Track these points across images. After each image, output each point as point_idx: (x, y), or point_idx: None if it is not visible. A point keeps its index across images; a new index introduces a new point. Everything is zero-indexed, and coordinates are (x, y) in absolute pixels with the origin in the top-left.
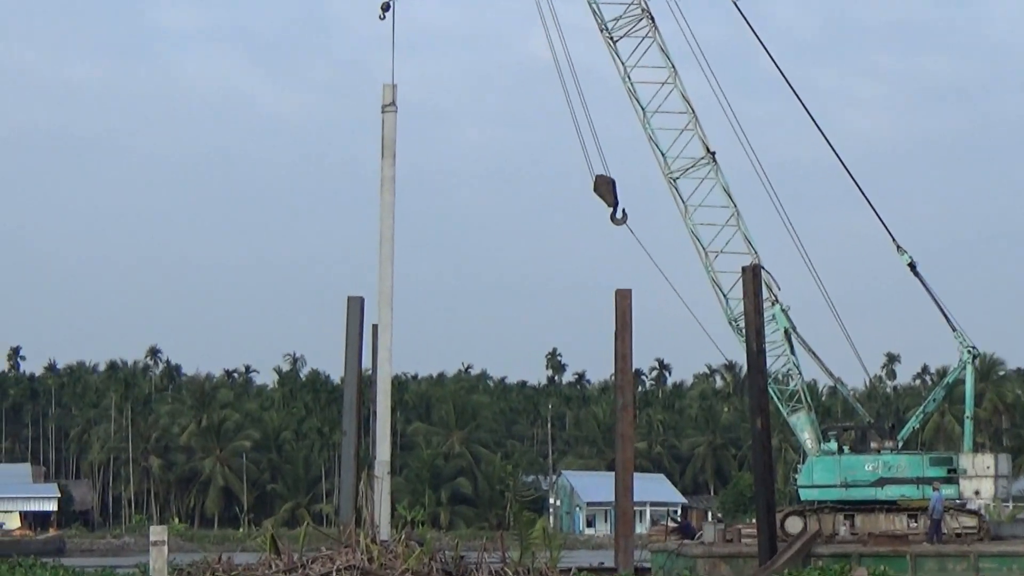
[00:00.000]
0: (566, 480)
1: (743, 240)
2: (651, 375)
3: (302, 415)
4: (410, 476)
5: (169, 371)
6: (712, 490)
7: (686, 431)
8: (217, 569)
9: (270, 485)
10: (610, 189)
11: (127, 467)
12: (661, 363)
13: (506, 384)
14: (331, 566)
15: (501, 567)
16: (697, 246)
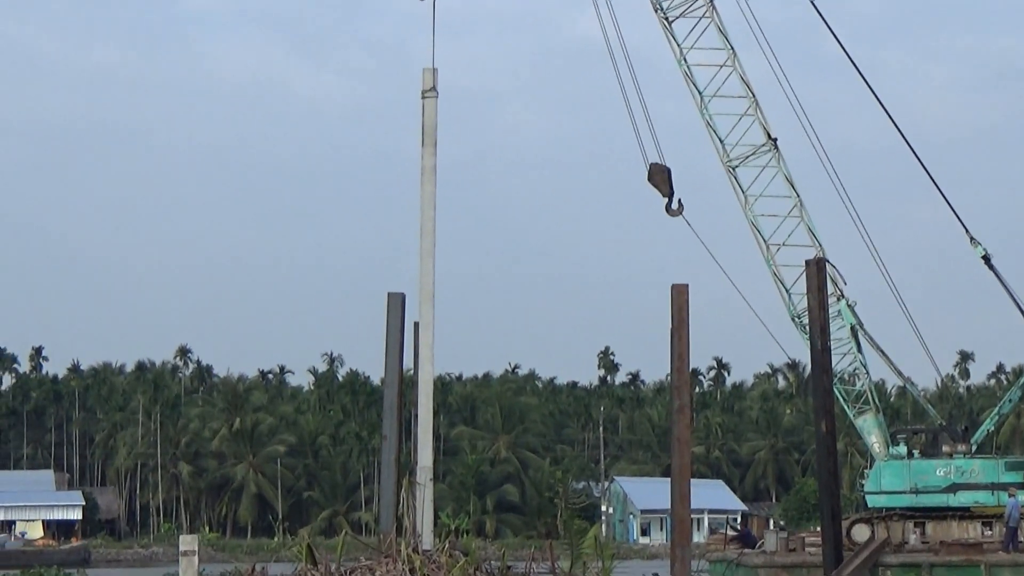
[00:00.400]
0: (619, 486)
1: (806, 232)
2: (709, 375)
3: (340, 418)
4: (454, 483)
5: (200, 372)
6: (774, 497)
7: (746, 434)
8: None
9: (306, 492)
10: (665, 178)
11: (155, 473)
12: (720, 362)
13: (555, 385)
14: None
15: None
16: (758, 238)
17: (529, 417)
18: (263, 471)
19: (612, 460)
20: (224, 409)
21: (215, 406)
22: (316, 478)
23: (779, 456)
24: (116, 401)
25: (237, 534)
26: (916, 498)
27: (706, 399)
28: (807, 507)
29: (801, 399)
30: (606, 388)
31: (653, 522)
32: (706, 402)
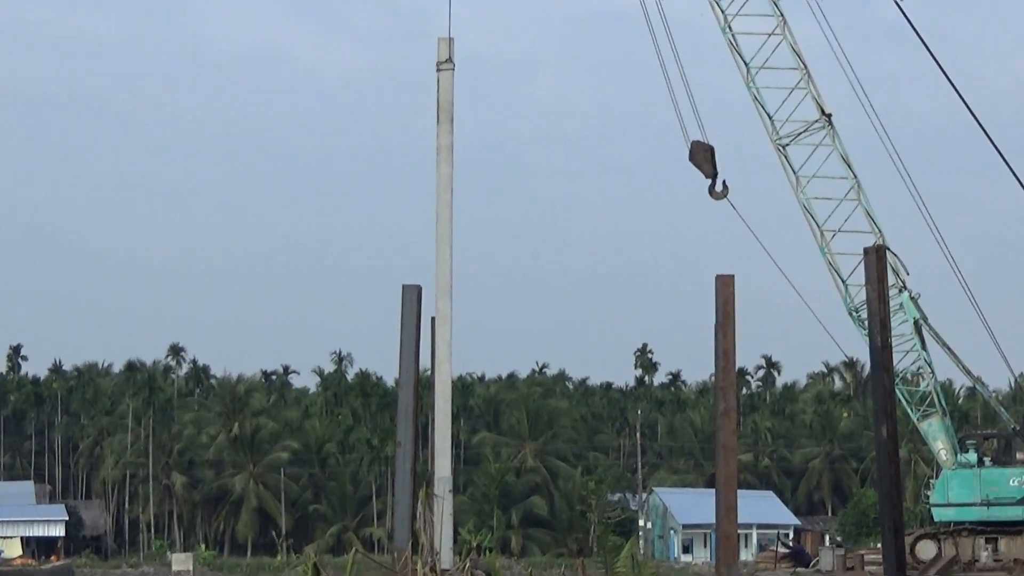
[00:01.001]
0: (658, 498)
1: (865, 216)
2: (758, 375)
3: (349, 424)
4: (475, 494)
5: (195, 372)
6: (830, 510)
7: (799, 440)
8: None
9: (312, 505)
10: (708, 158)
11: (146, 485)
12: (769, 361)
13: (588, 386)
14: None
15: None
16: (811, 224)
17: (559, 422)
18: (265, 482)
19: (651, 469)
20: (222, 413)
21: (212, 410)
22: (323, 490)
23: (835, 464)
24: (103, 405)
25: (236, 552)
26: (988, 511)
27: (754, 401)
28: (866, 521)
29: (859, 401)
30: (644, 389)
31: (696, 538)
32: (754, 404)
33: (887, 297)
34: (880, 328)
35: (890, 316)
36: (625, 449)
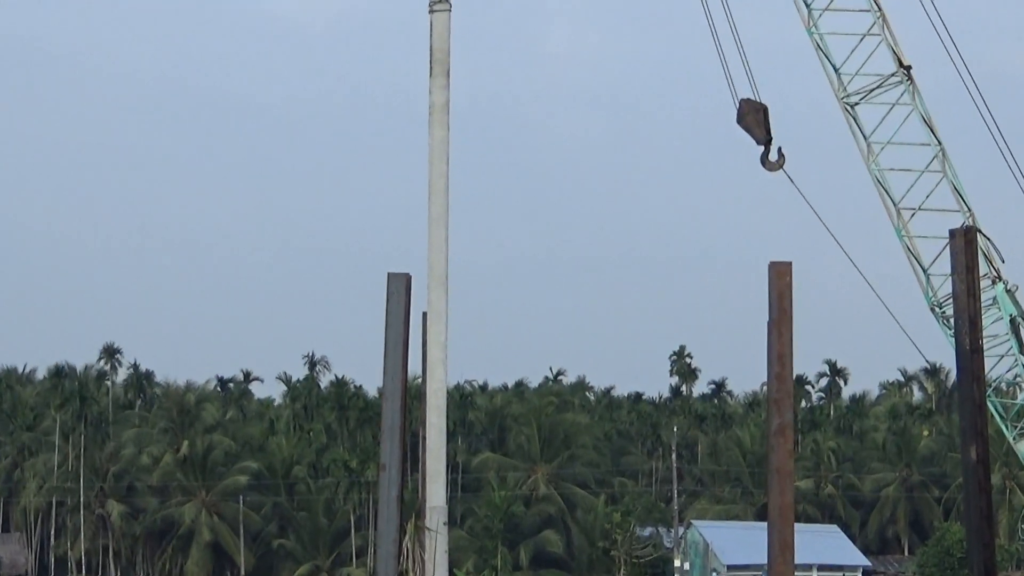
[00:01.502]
0: (698, 533)
1: (951, 191)
2: (819, 384)
3: (322, 442)
4: (476, 528)
5: (135, 379)
6: (906, 548)
7: (870, 464)
8: None
9: (277, 540)
10: (761, 120)
11: (76, 515)
12: (834, 367)
13: (613, 397)
14: None
15: None
16: (885, 201)
17: (577, 440)
18: (220, 512)
19: (689, 498)
20: (168, 429)
21: (155, 425)
22: (291, 522)
23: (913, 493)
24: (23, 418)
25: None
26: None
27: (816, 416)
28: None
29: (943, 417)
30: (681, 401)
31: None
32: (816, 421)
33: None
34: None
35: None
36: (658, 474)
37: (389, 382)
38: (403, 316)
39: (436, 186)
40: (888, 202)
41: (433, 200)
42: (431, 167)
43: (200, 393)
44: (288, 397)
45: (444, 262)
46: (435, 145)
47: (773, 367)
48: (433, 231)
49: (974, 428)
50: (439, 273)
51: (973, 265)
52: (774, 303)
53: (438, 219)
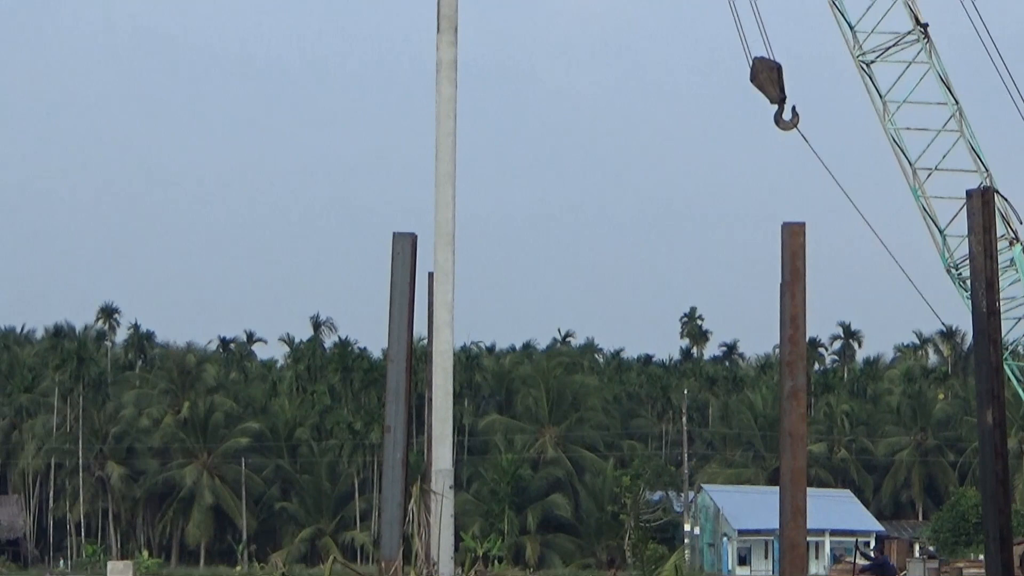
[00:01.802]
0: (709, 498)
1: (968, 151)
2: (833, 347)
3: (326, 403)
4: (482, 492)
5: (136, 340)
6: (920, 513)
7: (883, 428)
8: None
9: (279, 504)
10: (775, 78)
11: (75, 477)
12: (847, 329)
13: (623, 360)
14: None
15: None
16: (901, 161)
17: (586, 403)
18: (221, 475)
19: (699, 462)
20: (168, 391)
21: (156, 386)
22: (293, 484)
23: (928, 458)
24: (21, 379)
25: (186, 560)
26: None
27: (829, 379)
28: (966, 527)
29: (959, 380)
30: (691, 364)
31: (755, 547)
32: (829, 384)
33: (995, 251)
34: (986, 289)
35: (998, 275)
36: (668, 437)
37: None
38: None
39: (443, 144)
40: (904, 162)
41: (440, 159)
42: (438, 125)
43: (201, 354)
44: (291, 358)
45: (451, 221)
46: (442, 103)
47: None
48: (440, 190)
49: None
50: (446, 233)
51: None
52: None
53: (445, 178)
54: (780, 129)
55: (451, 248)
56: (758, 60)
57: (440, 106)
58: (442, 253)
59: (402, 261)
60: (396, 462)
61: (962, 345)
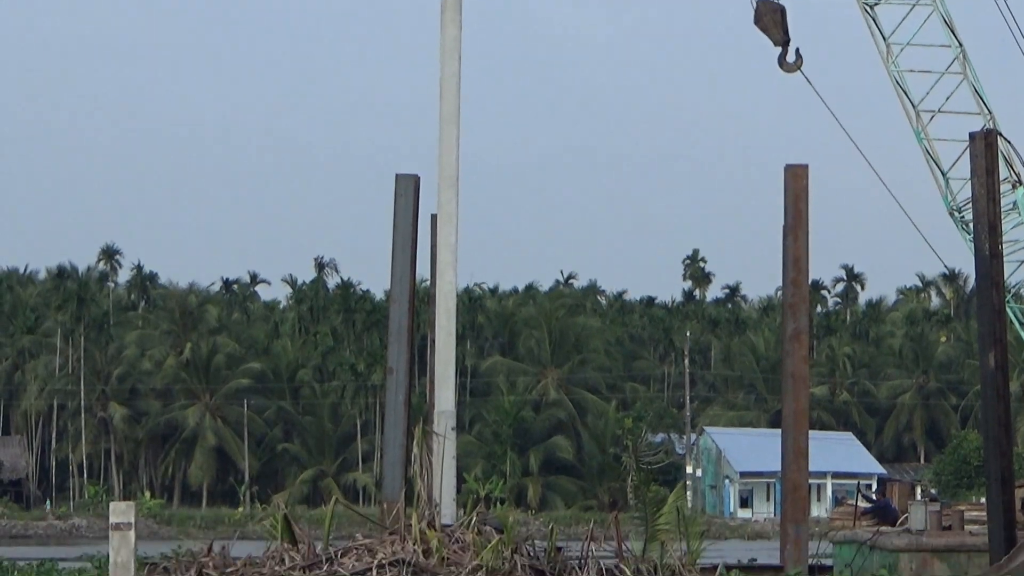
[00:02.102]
0: (711, 440)
1: (971, 94)
2: (835, 289)
3: (328, 345)
4: (485, 433)
5: (139, 281)
6: (922, 456)
7: (886, 371)
8: (206, 563)
9: (282, 445)
10: (778, 20)
11: (77, 418)
12: (850, 272)
13: (625, 301)
14: (370, 561)
15: (616, 564)
16: (904, 103)
17: (588, 345)
18: (224, 416)
19: (701, 404)
20: (171, 331)
21: (159, 327)
22: (296, 426)
23: (930, 401)
24: (24, 320)
25: (188, 501)
26: None
27: (831, 322)
28: (967, 470)
29: (961, 323)
30: (694, 306)
31: (757, 489)
32: (831, 326)
33: (997, 194)
34: (988, 232)
35: (1001, 217)
36: (670, 379)
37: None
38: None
39: (447, 85)
40: (907, 104)
41: (444, 100)
42: (442, 66)
43: (204, 295)
44: (293, 299)
45: (455, 163)
46: (447, 43)
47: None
48: (444, 131)
49: (993, 334)
50: (450, 174)
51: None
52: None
53: (449, 119)
54: (784, 71)
55: (455, 189)
56: (762, 2)
57: (444, 46)
58: (446, 194)
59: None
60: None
61: (965, 288)
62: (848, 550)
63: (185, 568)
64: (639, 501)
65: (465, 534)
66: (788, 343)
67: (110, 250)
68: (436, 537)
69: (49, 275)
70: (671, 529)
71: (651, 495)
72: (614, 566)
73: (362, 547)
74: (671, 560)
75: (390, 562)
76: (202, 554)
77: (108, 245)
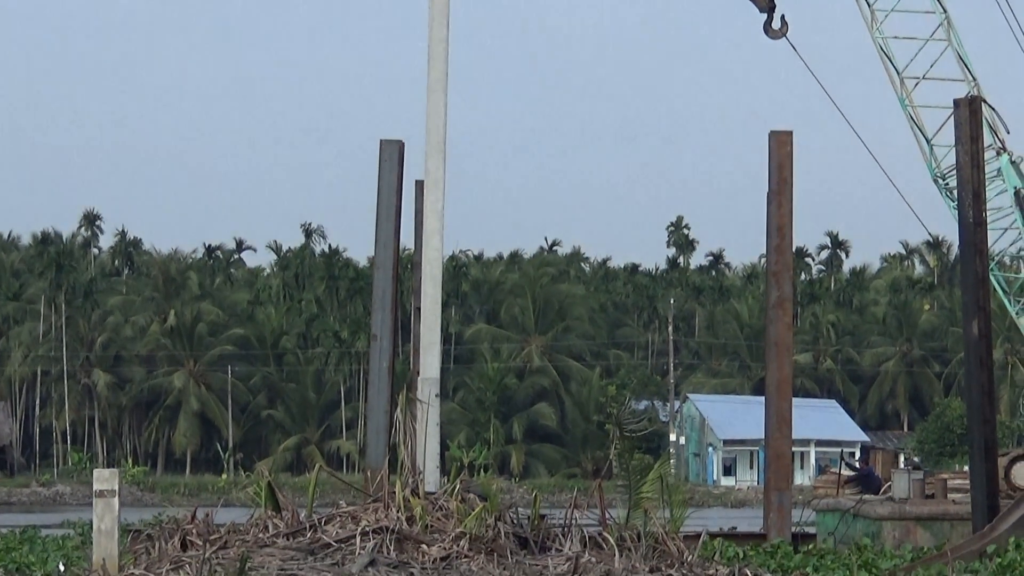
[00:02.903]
0: (694, 407)
1: (956, 60)
2: (820, 257)
3: (312, 312)
4: (468, 401)
5: (122, 247)
6: (905, 424)
7: (869, 338)
8: (190, 531)
9: (266, 412)
10: None
11: (61, 385)
12: (835, 239)
13: (609, 268)
14: (354, 528)
15: (599, 531)
16: (889, 69)
17: (572, 312)
18: (208, 382)
19: (685, 372)
20: (153, 298)
21: (142, 293)
22: (279, 393)
23: (913, 368)
24: (7, 287)
25: (172, 468)
26: None
27: (815, 289)
28: (951, 438)
29: (945, 291)
30: (678, 273)
31: (740, 457)
32: (815, 293)
33: (982, 161)
34: (973, 199)
35: (985, 185)
36: (654, 347)
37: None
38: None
39: (436, 51)
40: (892, 71)
41: (432, 66)
42: (431, 32)
43: (188, 262)
44: (276, 266)
45: (443, 129)
46: (435, 10)
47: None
48: (432, 97)
49: (976, 302)
50: (437, 140)
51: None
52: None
53: (437, 85)
54: (769, 38)
55: (442, 155)
56: None
57: (433, 11)
58: (433, 160)
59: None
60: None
61: (948, 255)
62: (831, 518)
63: (169, 535)
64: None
65: (449, 502)
66: (772, 310)
67: (91, 215)
68: (420, 504)
69: (34, 241)
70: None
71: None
72: (597, 533)
73: (346, 514)
74: (654, 528)
75: (374, 529)
76: (186, 521)
77: (89, 210)
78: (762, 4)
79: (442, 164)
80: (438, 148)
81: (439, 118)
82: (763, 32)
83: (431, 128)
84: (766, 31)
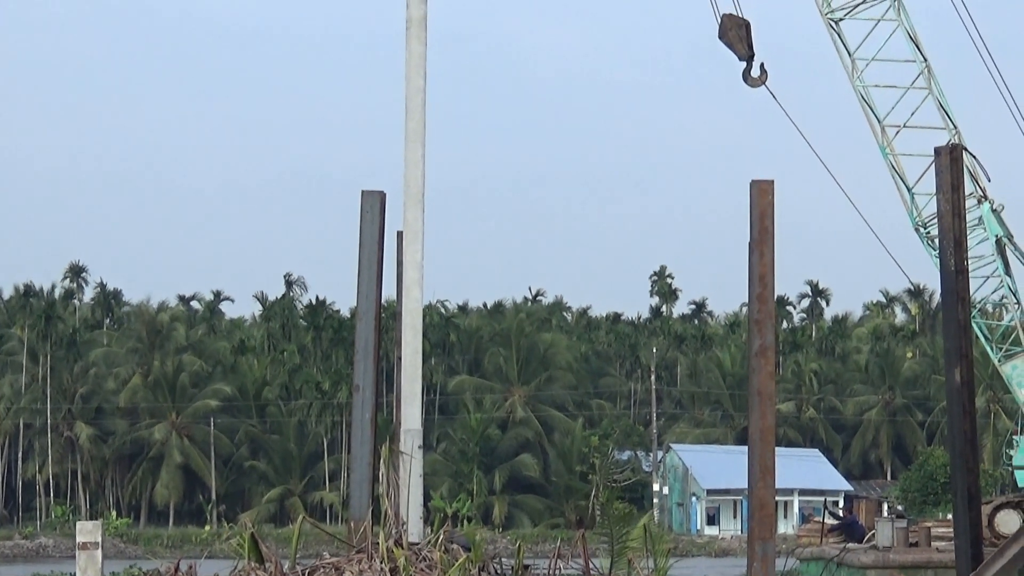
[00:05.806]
0: (677, 457)
1: (937, 109)
2: (801, 305)
3: (295, 362)
4: (451, 452)
5: (104, 298)
6: (889, 473)
7: (852, 387)
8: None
9: (249, 463)
10: (743, 35)
11: (43, 437)
12: (815, 288)
13: (591, 318)
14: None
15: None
16: (870, 118)
17: (555, 362)
18: (190, 434)
19: (668, 421)
20: (137, 349)
21: (125, 345)
22: (262, 445)
23: (896, 417)
24: None
25: (155, 520)
26: None
27: (797, 338)
28: (934, 487)
29: (927, 339)
30: (660, 322)
31: (724, 506)
32: (797, 342)
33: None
34: (954, 248)
35: (967, 233)
36: (637, 396)
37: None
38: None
39: (413, 102)
40: (873, 119)
41: (410, 116)
42: (408, 83)
43: (170, 312)
44: (260, 316)
45: (421, 180)
46: (412, 60)
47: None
48: (409, 148)
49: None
50: (415, 191)
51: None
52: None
53: (414, 136)
54: (749, 86)
55: (420, 206)
56: (727, 17)
57: (410, 63)
58: (411, 211)
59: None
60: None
61: (930, 303)
62: (815, 567)
63: None
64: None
65: (432, 552)
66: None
67: (76, 267)
68: (403, 555)
69: (16, 293)
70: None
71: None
72: None
73: (329, 565)
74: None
75: None
76: (169, 573)
77: (75, 263)
78: (741, 52)
79: (420, 215)
80: (417, 199)
81: (417, 168)
82: (742, 80)
83: (409, 179)
84: (745, 79)
